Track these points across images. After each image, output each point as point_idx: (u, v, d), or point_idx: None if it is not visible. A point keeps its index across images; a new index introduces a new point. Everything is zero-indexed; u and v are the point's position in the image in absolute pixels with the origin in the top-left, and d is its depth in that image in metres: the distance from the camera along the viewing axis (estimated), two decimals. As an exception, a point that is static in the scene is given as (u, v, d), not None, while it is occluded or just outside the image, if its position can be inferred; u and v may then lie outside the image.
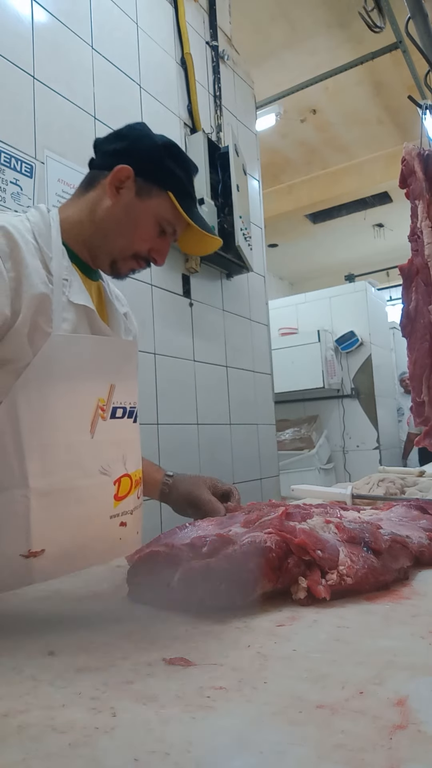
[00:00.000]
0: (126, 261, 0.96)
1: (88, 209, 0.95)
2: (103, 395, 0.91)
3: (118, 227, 0.93)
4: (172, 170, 0.94)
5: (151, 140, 0.96)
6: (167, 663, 0.43)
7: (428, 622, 0.50)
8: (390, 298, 7.39)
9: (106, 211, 0.93)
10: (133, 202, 0.93)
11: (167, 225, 0.95)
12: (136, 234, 0.94)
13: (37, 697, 0.38)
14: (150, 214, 0.93)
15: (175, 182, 0.94)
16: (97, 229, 0.94)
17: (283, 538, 0.59)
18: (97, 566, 0.79)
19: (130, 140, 0.97)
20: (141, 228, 0.94)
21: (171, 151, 0.96)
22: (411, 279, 1.23)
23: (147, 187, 0.93)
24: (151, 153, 0.94)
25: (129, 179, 0.93)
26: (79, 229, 0.94)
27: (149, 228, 0.94)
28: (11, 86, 1.57)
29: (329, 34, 3.83)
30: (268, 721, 0.34)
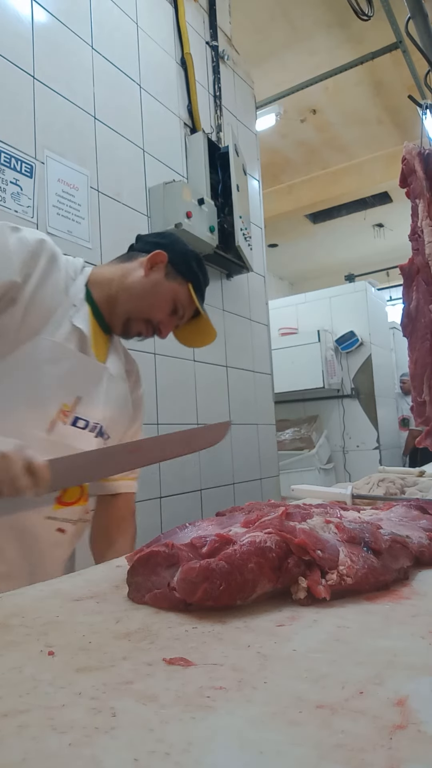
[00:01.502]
0: (138, 323, 1.12)
1: (121, 273, 1.12)
2: (68, 402, 0.99)
3: (143, 293, 1.10)
4: (195, 271, 1.16)
5: (185, 246, 1.19)
6: (167, 663, 0.43)
7: (428, 622, 0.50)
8: (390, 298, 7.40)
9: (137, 279, 1.11)
10: (160, 279, 1.11)
11: (180, 307, 1.14)
12: (155, 302, 1.11)
13: (37, 697, 0.38)
14: (170, 292, 1.12)
15: (195, 279, 1.15)
16: (123, 290, 1.10)
17: (283, 538, 0.59)
18: (96, 566, 0.79)
19: (170, 240, 1.19)
20: (160, 300, 1.11)
21: (198, 260, 1.18)
22: (412, 278, 1.23)
23: (174, 273, 1.13)
24: (184, 253, 1.16)
25: (162, 263, 1.12)
26: (107, 285, 1.10)
27: (166, 302, 1.12)
28: (11, 86, 1.57)
29: (329, 34, 3.84)
30: (268, 721, 0.33)
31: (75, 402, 1.00)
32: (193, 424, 2.22)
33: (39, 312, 0.94)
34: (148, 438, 1.03)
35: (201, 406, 2.28)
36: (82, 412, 1.01)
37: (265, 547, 0.57)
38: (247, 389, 2.67)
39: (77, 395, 1.00)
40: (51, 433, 0.96)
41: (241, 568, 0.55)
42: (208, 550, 0.57)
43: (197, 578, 0.54)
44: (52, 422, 0.96)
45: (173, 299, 1.12)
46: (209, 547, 0.57)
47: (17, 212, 1.54)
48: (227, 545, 0.58)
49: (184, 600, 0.55)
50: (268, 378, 2.89)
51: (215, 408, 2.39)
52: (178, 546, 0.59)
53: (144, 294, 1.10)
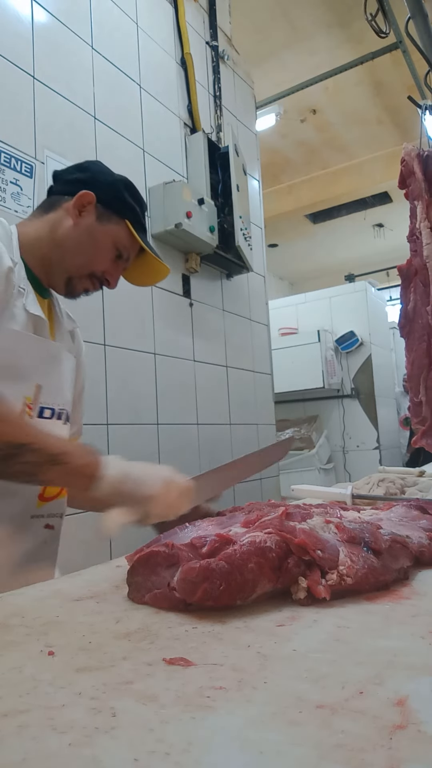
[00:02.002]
0: (81, 280, 1.01)
1: (48, 228, 0.99)
2: (29, 394, 0.92)
3: (78, 246, 0.99)
4: (129, 202, 1.02)
5: (111, 175, 1.05)
6: (167, 663, 0.43)
7: (428, 622, 0.50)
8: (390, 298, 7.39)
9: (67, 231, 0.98)
10: (93, 225, 0.99)
11: (123, 250, 1.02)
12: (94, 254, 1.00)
13: (37, 697, 0.38)
14: (108, 237, 1.00)
15: (131, 213, 1.02)
16: (56, 247, 0.98)
17: (283, 538, 0.59)
18: (96, 566, 0.79)
19: (91, 172, 1.03)
20: (99, 249, 1.00)
21: (129, 187, 1.04)
22: (410, 279, 1.23)
23: (107, 213, 1.00)
24: (112, 185, 1.02)
25: (91, 204, 0.99)
26: (37, 246, 0.98)
27: (107, 250, 1.00)
28: (11, 86, 1.57)
29: (329, 34, 3.83)
30: (268, 721, 0.34)
31: (36, 391, 0.93)
32: (193, 425, 2.22)
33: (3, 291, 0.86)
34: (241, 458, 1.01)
35: (201, 406, 2.28)
36: (45, 400, 0.94)
37: (265, 547, 0.57)
38: (247, 389, 2.67)
39: (36, 383, 0.93)
40: None
41: (241, 568, 0.55)
42: (208, 550, 0.57)
43: (197, 578, 0.54)
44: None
45: (113, 243, 1.00)
46: (209, 547, 0.57)
47: (17, 212, 1.54)
48: (227, 545, 0.58)
49: (184, 600, 0.55)
50: (268, 378, 2.89)
51: (215, 408, 2.39)
52: (178, 546, 0.59)
53: (80, 247, 0.98)
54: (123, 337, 1.88)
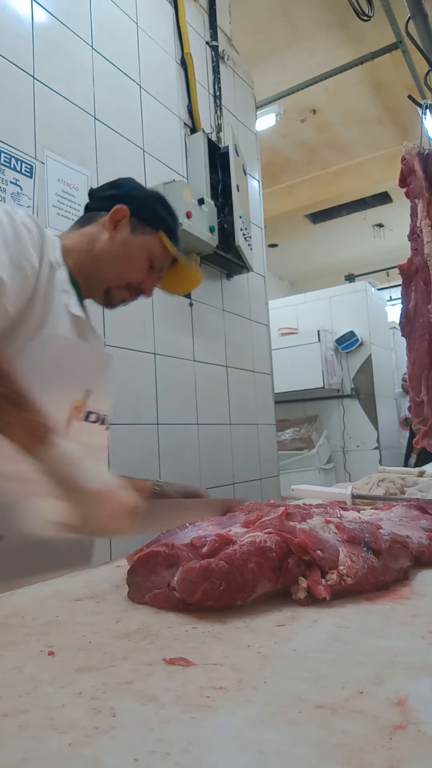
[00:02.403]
0: (119, 290, 1.04)
1: (87, 241, 1.03)
2: (80, 397, 0.96)
3: (115, 258, 1.02)
4: (161, 215, 1.06)
5: (143, 190, 1.10)
6: (167, 663, 0.43)
7: (428, 622, 0.50)
8: (390, 298, 7.39)
9: (104, 244, 1.02)
10: (128, 237, 1.03)
11: (157, 260, 1.05)
12: (130, 265, 1.03)
13: (37, 697, 0.38)
14: (143, 248, 1.03)
15: (164, 224, 1.05)
16: (94, 259, 1.03)
17: (283, 538, 0.59)
18: (96, 566, 0.79)
19: (125, 188, 1.08)
20: (135, 260, 1.03)
21: (161, 200, 1.08)
22: (410, 278, 1.23)
23: (141, 226, 1.04)
24: (145, 199, 1.07)
25: (125, 218, 1.03)
26: (76, 257, 1.02)
27: (141, 261, 1.04)
28: (11, 86, 1.57)
29: (329, 34, 3.83)
30: (268, 721, 0.34)
31: (86, 395, 0.96)
32: (193, 425, 2.22)
33: (41, 302, 0.90)
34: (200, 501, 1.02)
35: (201, 406, 2.28)
36: (92, 405, 0.98)
37: (265, 547, 0.57)
38: (247, 389, 2.67)
39: (86, 388, 0.96)
40: (68, 432, 0.93)
41: (241, 568, 0.55)
42: (208, 550, 0.57)
43: (197, 578, 0.54)
44: (68, 419, 0.93)
45: (148, 255, 1.04)
46: (209, 547, 0.57)
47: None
48: (227, 545, 0.58)
49: (184, 600, 0.55)
50: (268, 378, 2.89)
51: (215, 408, 2.39)
52: (178, 546, 0.59)
53: (116, 260, 1.02)
54: (123, 337, 1.88)
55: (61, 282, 0.96)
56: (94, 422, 0.98)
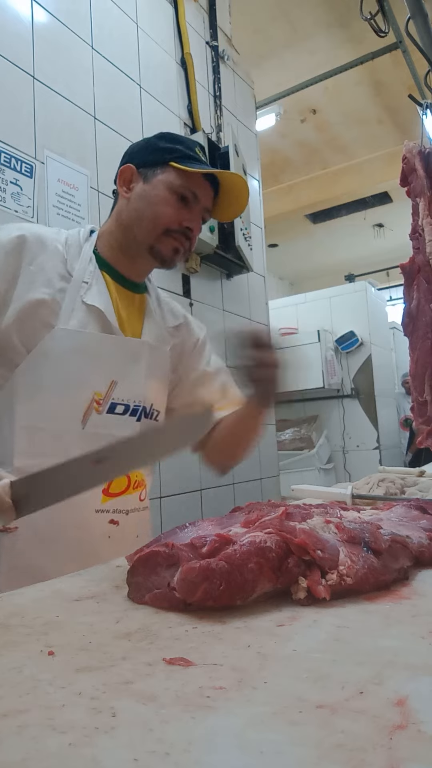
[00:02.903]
0: (161, 241, 0.98)
1: (114, 218, 1.02)
2: (101, 389, 0.94)
3: (139, 213, 0.98)
4: (166, 147, 0.99)
5: (145, 140, 1.04)
6: (167, 663, 0.43)
7: (428, 622, 0.50)
8: (390, 298, 7.39)
9: (127, 209, 1.00)
10: (143, 188, 0.98)
11: (182, 189, 0.97)
12: (156, 209, 0.97)
13: (37, 697, 0.38)
14: (162, 188, 0.97)
15: (173, 153, 0.98)
16: (125, 229, 1.00)
17: (283, 538, 0.59)
18: (96, 566, 0.79)
19: (128, 150, 1.05)
20: (159, 202, 0.97)
21: (164, 136, 1.02)
22: (412, 277, 1.23)
23: (151, 171, 0.98)
24: (146, 145, 1.02)
25: (134, 174, 0.99)
26: (110, 237, 1.01)
27: (166, 199, 0.96)
28: (11, 86, 1.57)
29: (329, 34, 3.83)
30: (268, 721, 0.33)
31: (110, 387, 0.95)
32: (193, 424, 2.21)
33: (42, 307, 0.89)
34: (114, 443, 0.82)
35: (201, 406, 2.28)
36: (120, 395, 0.96)
37: (265, 547, 0.57)
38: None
39: (111, 379, 0.95)
40: (86, 426, 0.92)
41: (241, 568, 0.55)
42: (208, 550, 0.57)
43: (197, 578, 0.54)
44: (85, 414, 0.92)
45: (169, 190, 0.96)
46: (209, 547, 0.57)
47: (17, 212, 1.54)
48: (227, 545, 0.58)
49: (184, 600, 0.55)
50: (268, 378, 2.89)
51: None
52: (178, 546, 0.59)
53: (139, 213, 0.98)
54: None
55: (81, 275, 0.94)
56: (121, 414, 0.96)
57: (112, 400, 0.95)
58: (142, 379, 1.00)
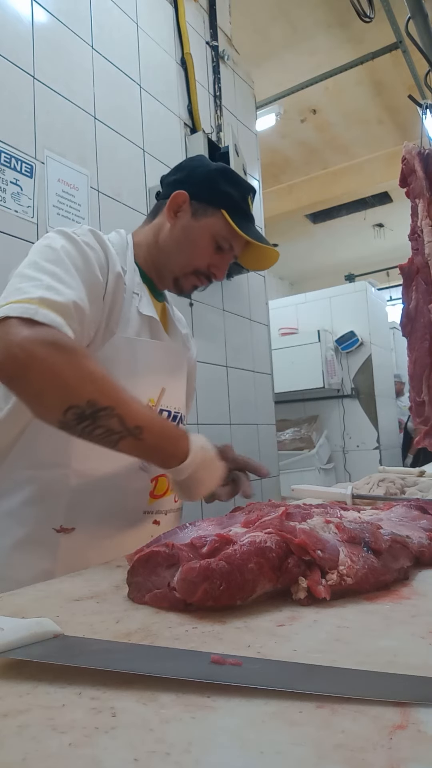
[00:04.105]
0: (187, 278, 1.03)
1: (153, 234, 1.04)
2: (153, 396, 0.97)
3: (178, 246, 1.01)
4: (225, 191, 1.00)
5: (206, 168, 1.04)
6: (167, 663, 0.43)
7: (428, 622, 0.50)
8: (390, 298, 7.39)
9: (167, 234, 1.02)
10: (189, 223, 1.00)
11: (223, 241, 1.01)
12: (194, 251, 1.01)
13: (37, 697, 0.38)
14: (206, 232, 1.00)
15: (227, 201, 1.00)
16: (160, 251, 1.02)
17: (283, 538, 0.59)
18: (97, 566, 0.79)
19: (187, 170, 1.05)
20: (198, 245, 1.01)
21: (225, 175, 1.02)
22: (411, 278, 1.23)
23: (202, 208, 1.00)
24: (206, 178, 1.01)
25: (185, 203, 1.01)
26: (146, 252, 1.03)
27: (206, 245, 1.01)
28: (11, 86, 1.57)
29: (329, 34, 3.83)
30: (268, 721, 0.34)
31: (161, 394, 0.97)
32: (194, 424, 2.22)
33: (112, 311, 0.92)
34: None
35: (201, 406, 2.28)
36: (166, 403, 0.99)
37: (265, 547, 0.57)
38: (247, 389, 2.67)
39: (161, 386, 0.98)
40: None
41: (241, 568, 0.55)
42: (208, 550, 0.57)
43: (197, 578, 0.54)
44: None
45: (211, 237, 1.00)
46: (209, 547, 0.57)
47: (17, 212, 1.54)
48: (227, 545, 0.58)
49: (184, 600, 0.55)
50: (268, 378, 2.89)
51: (215, 408, 2.39)
52: (178, 546, 0.59)
53: (179, 247, 1.00)
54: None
55: (131, 284, 0.97)
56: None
57: (161, 406, 0.98)
58: (181, 386, 1.05)
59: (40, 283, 0.78)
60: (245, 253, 1.07)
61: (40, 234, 1.60)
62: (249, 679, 0.38)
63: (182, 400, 1.06)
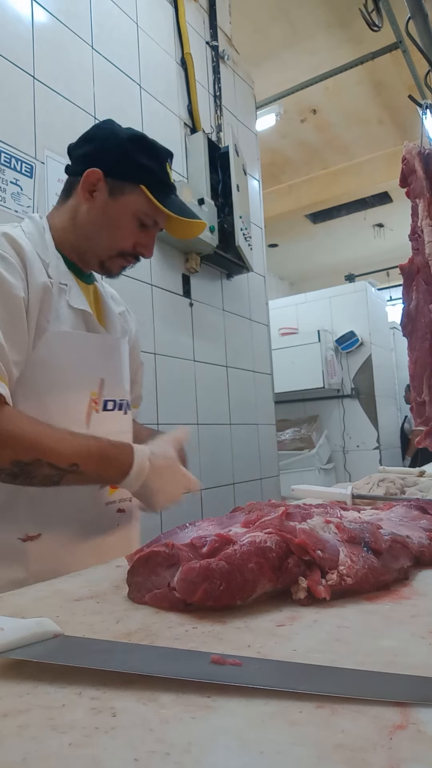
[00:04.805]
0: (113, 260, 0.98)
1: (69, 216, 0.97)
2: (94, 389, 0.94)
3: (98, 229, 0.95)
4: (141, 163, 0.93)
5: (116, 137, 0.95)
6: (167, 663, 0.43)
7: (428, 622, 0.50)
8: (390, 298, 7.39)
9: (85, 216, 0.95)
10: (107, 202, 0.94)
11: (146, 218, 0.95)
12: (116, 233, 0.95)
13: (37, 697, 0.38)
14: (126, 211, 0.94)
15: (146, 174, 0.93)
16: (80, 234, 0.96)
17: (283, 538, 0.59)
18: (96, 566, 0.79)
19: (96, 142, 0.96)
20: (120, 226, 0.95)
21: (139, 144, 0.95)
22: (412, 278, 1.23)
23: (119, 185, 0.93)
24: (118, 150, 0.93)
25: (100, 181, 0.93)
26: (65, 236, 0.97)
27: (128, 225, 0.95)
28: (11, 86, 1.57)
29: (329, 34, 3.83)
30: (268, 721, 0.34)
31: (100, 385, 0.95)
32: (193, 424, 2.22)
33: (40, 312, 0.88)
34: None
35: (201, 406, 2.28)
36: (108, 393, 0.96)
37: (265, 547, 0.57)
38: (247, 389, 2.67)
39: (100, 377, 0.95)
40: (90, 426, 0.92)
41: (241, 568, 0.55)
42: (208, 550, 0.57)
43: (197, 578, 0.54)
44: (88, 414, 0.92)
45: (134, 216, 0.94)
46: (209, 547, 0.57)
47: (17, 212, 1.54)
48: (227, 545, 0.58)
49: (184, 600, 0.55)
50: (268, 378, 2.89)
51: (215, 408, 2.39)
52: (178, 546, 0.59)
53: (99, 229, 0.94)
54: (123, 337, 1.88)
55: (57, 276, 0.91)
56: (111, 410, 0.98)
57: (104, 397, 0.96)
58: (122, 373, 1.02)
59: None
60: (171, 223, 0.99)
61: (40, 234, 1.60)
62: (249, 679, 0.38)
63: (125, 387, 1.03)
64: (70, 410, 0.91)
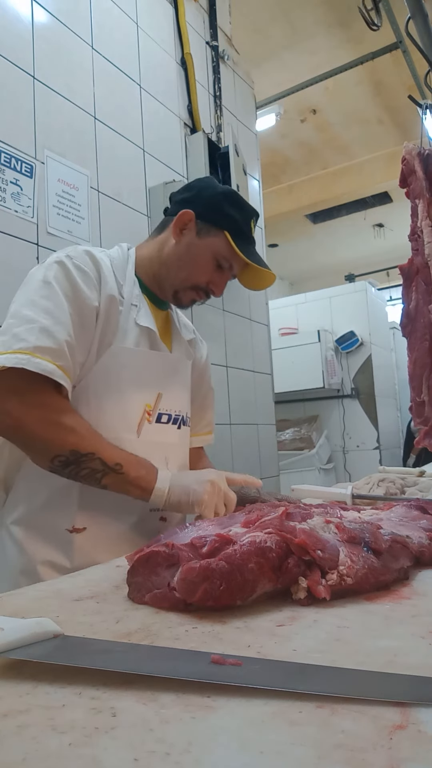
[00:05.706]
0: (186, 292, 1.09)
1: (157, 248, 1.10)
2: (150, 401, 1.04)
3: (179, 262, 1.07)
4: (229, 214, 1.06)
5: (213, 189, 1.10)
6: (167, 663, 0.42)
7: (428, 622, 0.50)
8: (390, 298, 7.39)
9: (171, 249, 1.07)
10: (193, 241, 1.06)
11: (223, 261, 1.07)
12: (195, 268, 1.07)
13: (37, 697, 0.38)
14: (207, 250, 1.06)
15: (231, 223, 1.06)
16: (162, 264, 1.09)
17: (283, 538, 0.59)
18: (97, 566, 0.79)
19: (196, 190, 1.11)
20: (199, 263, 1.07)
21: (230, 198, 1.08)
22: (411, 278, 1.23)
23: (206, 228, 1.06)
24: (212, 199, 1.07)
25: (191, 222, 1.06)
26: (149, 265, 1.10)
27: (206, 263, 1.07)
28: (11, 86, 1.57)
29: (329, 34, 3.83)
30: (268, 721, 0.34)
31: (157, 399, 1.05)
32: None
33: (108, 324, 0.98)
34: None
35: (201, 406, 2.28)
36: (164, 406, 1.07)
37: (265, 547, 0.57)
38: (247, 389, 2.67)
39: (158, 391, 1.05)
40: (140, 435, 1.01)
41: (241, 568, 0.55)
42: (208, 550, 0.57)
43: (197, 578, 0.54)
44: (140, 424, 1.02)
45: (213, 256, 1.06)
46: (209, 547, 0.57)
47: (17, 212, 1.54)
48: (227, 545, 0.58)
49: (184, 600, 0.55)
50: (268, 378, 2.89)
51: (215, 408, 2.38)
52: (178, 546, 0.59)
53: (180, 263, 1.07)
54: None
55: (130, 296, 1.03)
56: (165, 423, 1.07)
57: (159, 410, 1.06)
58: (180, 390, 1.12)
59: (34, 327, 0.87)
60: (244, 273, 1.12)
61: (40, 234, 1.60)
62: (249, 679, 0.38)
63: (183, 403, 1.13)
64: (124, 416, 1.00)
